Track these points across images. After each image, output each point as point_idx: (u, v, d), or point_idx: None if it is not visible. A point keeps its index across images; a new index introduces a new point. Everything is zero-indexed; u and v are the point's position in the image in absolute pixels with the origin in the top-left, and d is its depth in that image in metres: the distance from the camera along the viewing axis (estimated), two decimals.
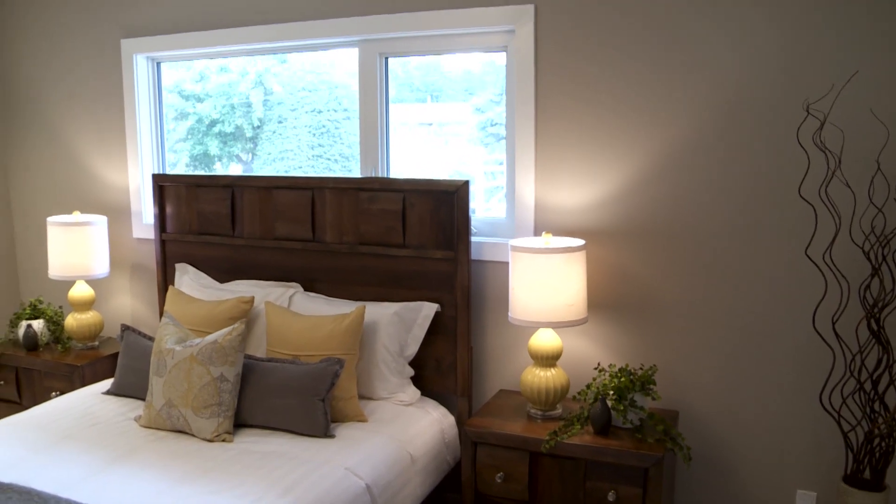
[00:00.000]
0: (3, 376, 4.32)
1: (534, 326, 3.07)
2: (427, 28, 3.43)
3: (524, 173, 3.32)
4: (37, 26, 4.59)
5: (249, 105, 4.26)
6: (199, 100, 4.40)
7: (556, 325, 3.02)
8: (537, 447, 2.92)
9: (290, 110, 4.16)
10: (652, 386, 2.97)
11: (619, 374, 2.98)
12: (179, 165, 4.49)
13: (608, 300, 3.27)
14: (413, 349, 3.39)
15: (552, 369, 3.10)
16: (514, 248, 3.04)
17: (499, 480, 3.01)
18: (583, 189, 3.25)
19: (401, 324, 3.37)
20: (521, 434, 2.97)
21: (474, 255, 3.41)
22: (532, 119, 3.28)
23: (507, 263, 3.26)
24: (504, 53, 3.46)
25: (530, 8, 3.22)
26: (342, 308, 3.42)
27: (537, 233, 3.32)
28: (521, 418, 3.12)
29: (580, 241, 3.09)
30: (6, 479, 2.65)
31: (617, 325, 3.27)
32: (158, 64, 4.35)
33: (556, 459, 2.92)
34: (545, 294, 2.98)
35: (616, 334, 3.28)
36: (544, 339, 3.10)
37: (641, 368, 3.10)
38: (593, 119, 3.20)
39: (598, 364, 3.16)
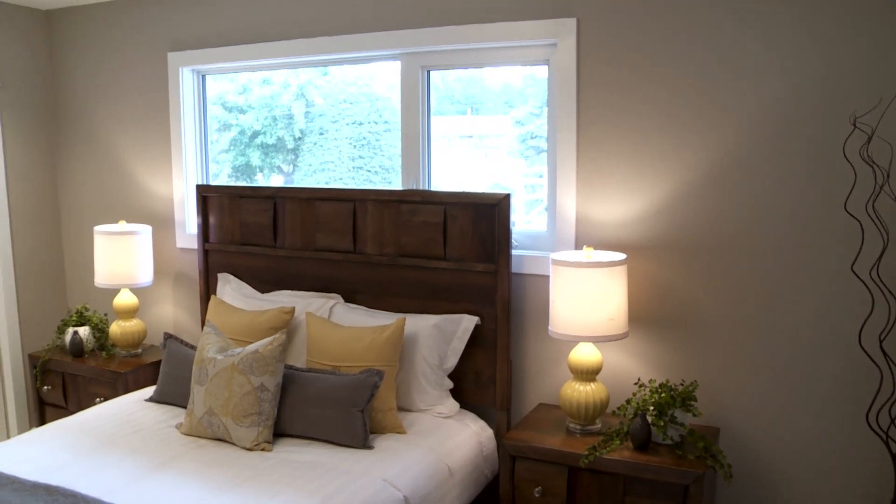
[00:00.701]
0: (51, 381, 4.41)
1: (574, 340, 3.05)
2: (469, 41, 3.44)
3: (565, 186, 3.31)
4: (87, 40, 4.70)
5: (291, 117, 4.31)
6: (242, 111, 4.46)
7: (597, 340, 3.00)
8: (576, 462, 2.90)
9: (331, 122, 4.20)
10: (693, 402, 2.94)
11: (659, 390, 2.95)
12: (222, 176, 4.54)
13: (649, 315, 3.24)
14: (452, 361, 3.39)
15: (592, 384, 3.08)
16: (556, 262, 3.03)
17: (537, 495, 2.99)
18: (624, 203, 3.23)
19: (440, 336, 3.37)
20: (560, 448, 2.95)
21: (515, 269, 3.40)
22: (574, 132, 3.27)
23: (547, 277, 3.25)
24: (544, 66, 3.46)
25: (572, 21, 3.22)
26: (382, 320, 3.43)
27: (578, 246, 3.31)
28: (560, 432, 3.11)
29: (621, 256, 3.07)
30: (53, 482, 2.71)
31: (658, 341, 3.24)
32: (203, 76, 4.42)
33: (594, 475, 2.90)
34: (586, 308, 2.96)
35: (657, 349, 3.25)
36: (584, 354, 3.08)
37: (682, 384, 3.06)
38: (636, 132, 3.18)
39: (639, 379, 3.13)
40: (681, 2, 3.04)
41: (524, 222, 3.67)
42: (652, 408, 2.92)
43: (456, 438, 3.21)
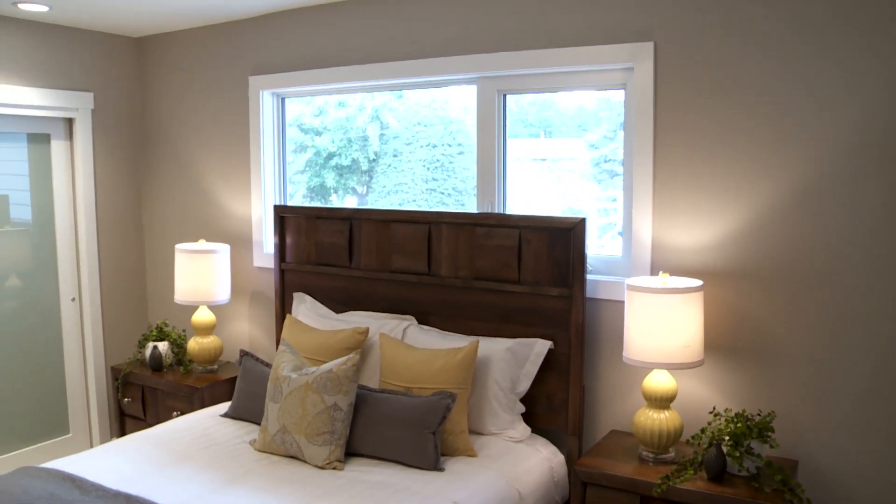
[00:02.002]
0: (131, 394, 4.54)
1: (648, 367, 3.01)
2: (545, 66, 3.45)
3: (641, 211, 3.28)
4: (174, 65, 4.86)
5: (366, 139, 4.37)
6: (318, 133, 4.54)
7: (672, 367, 2.95)
8: (648, 491, 2.85)
9: (405, 144, 4.25)
10: (770, 433, 2.86)
11: (735, 420, 2.88)
12: (297, 196, 4.63)
13: (725, 343, 3.17)
14: (525, 385, 3.37)
15: (666, 411, 3.03)
16: (631, 287, 3.00)
17: None
18: (702, 228, 3.18)
19: (513, 360, 3.36)
20: (632, 476, 2.91)
21: (589, 293, 3.38)
22: (650, 156, 3.24)
23: (622, 302, 3.22)
24: (619, 90, 3.44)
25: (650, 45, 3.20)
26: (456, 342, 3.44)
27: (654, 272, 3.27)
28: (633, 460, 3.06)
29: (698, 282, 3.02)
30: (133, 492, 2.80)
31: (734, 369, 3.17)
32: (283, 99, 4.52)
33: None
34: (661, 335, 2.92)
35: (733, 378, 3.18)
36: (659, 381, 3.03)
37: (759, 414, 2.99)
38: (714, 157, 3.13)
39: (714, 408, 3.07)
40: (758, 27, 3.00)
41: (597, 246, 3.65)
42: (727, 438, 2.85)
43: (527, 463, 3.19)
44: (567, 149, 3.80)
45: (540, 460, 3.25)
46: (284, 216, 4.22)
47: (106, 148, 4.88)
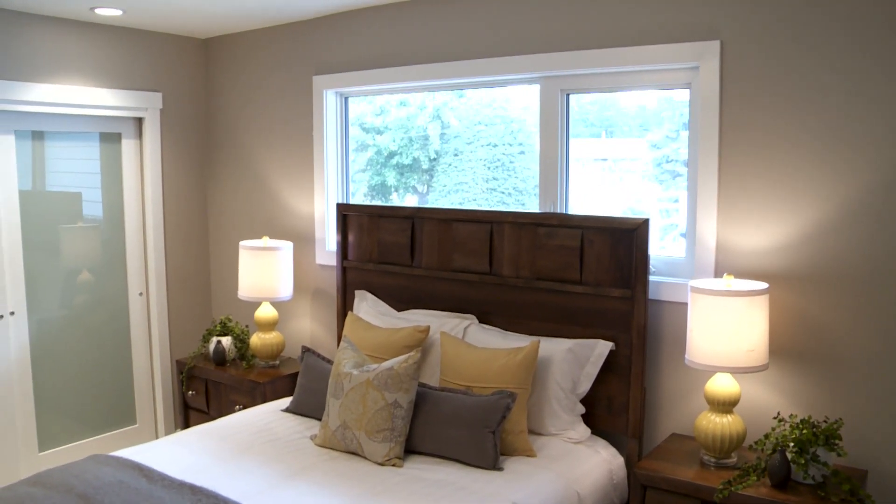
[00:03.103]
0: (195, 387, 4.64)
1: (711, 371, 2.97)
2: (609, 65, 3.43)
3: (706, 212, 3.24)
4: (239, 66, 4.96)
5: (427, 138, 4.39)
6: (379, 132, 4.58)
7: (735, 371, 2.91)
8: (710, 496, 2.81)
9: (465, 143, 4.25)
10: (837, 441, 2.79)
11: (800, 426, 2.82)
12: (358, 195, 4.68)
13: (791, 347, 3.11)
14: (585, 387, 3.36)
15: (728, 416, 2.99)
16: (694, 290, 2.96)
17: None
18: (768, 230, 3.12)
19: (574, 361, 3.35)
20: (693, 481, 2.87)
21: (651, 295, 3.35)
22: (715, 157, 3.20)
23: (685, 304, 3.18)
24: (682, 89, 3.40)
25: (716, 44, 3.15)
26: (516, 342, 3.44)
27: (718, 274, 3.22)
28: (694, 465, 3.02)
29: (763, 285, 2.97)
30: (197, 482, 2.87)
31: (800, 374, 3.11)
32: (346, 99, 4.57)
33: None
34: (725, 338, 2.88)
35: (798, 383, 3.11)
36: (722, 385, 2.99)
37: (825, 421, 2.91)
38: (782, 158, 3.07)
39: (778, 414, 3.01)
40: (827, 27, 2.93)
41: (658, 248, 3.61)
42: (792, 444, 2.79)
43: (586, 464, 3.17)
44: (628, 149, 3.77)
45: (599, 462, 3.23)
46: (347, 214, 4.27)
47: (173, 146, 5.00)
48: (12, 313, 4.32)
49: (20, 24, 4.19)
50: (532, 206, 3.96)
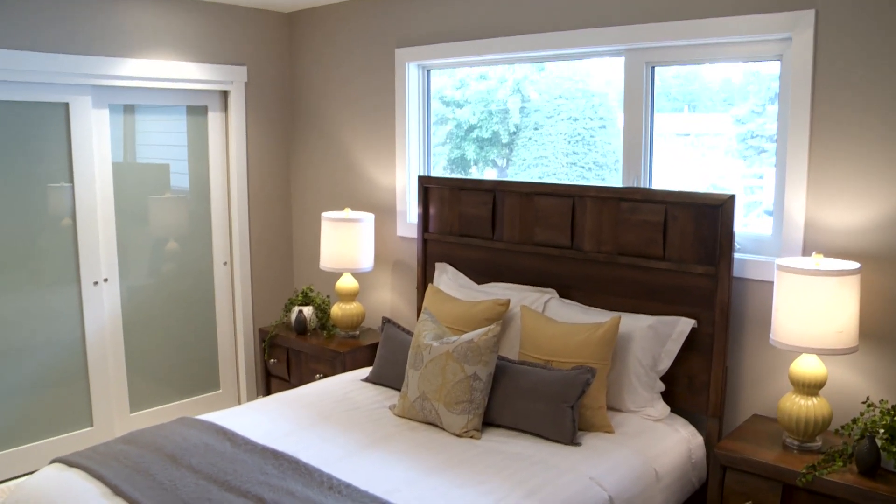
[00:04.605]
0: (276, 355, 4.75)
1: (797, 351, 2.90)
2: (696, 37, 3.34)
3: (794, 189, 3.15)
4: (323, 39, 5.01)
5: (507, 111, 4.37)
6: (459, 106, 4.58)
7: (822, 352, 2.83)
8: (792, 479, 2.76)
9: (546, 117, 4.22)
10: None
11: (892, 412, 2.73)
12: (437, 169, 4.69)
13: (883, 330, 3.01)
14: (666, 364, 3.33)
15: (814, 398, 2.92)
16: (781, 268, 2.89)
17: None
18: (861, 208, 3.02)
19: (655, 337, 3.32)
20: (775, 463, 2.82)
21: (735, 272, 3.28)
22: (807, 132, 3.10)
23: (770, 283, 3.11)
24: (770, 61, 3.30)
25: (810, 14, 3.04)
26: (597, 317, 3.43)
27: (806, 252, 3.14)
28: (776, 447, 2.97)
29: (855, 265, 2.88)
30: (279, 448, 2.95)
31: (891, 358, 3.00)
32: (428, 71, 4.58)
33: (812, 496, 2.74)
34: (812, 318, 2.80)
35: (890, 368, 3.01)
36: (807, 366, 2.92)
37: None
38: (876, 133, 2.95)
39: (867, 398, 2.92)
40: None
41: (742, 225, 3.52)
42: (882, 430, 2.71)
43: (664, 443, 3.16)
44: (712, 124, 3.69)
45: (678, 440, 3.21)
46: (429, 187, 4.29)
47: (258, 119, 5.10)
48: (106, 280, 4.49)
49: (113, 2, 4.31)
50: (612, 181, 3.91)
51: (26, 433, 4.27)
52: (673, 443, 3.18)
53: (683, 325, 3.31)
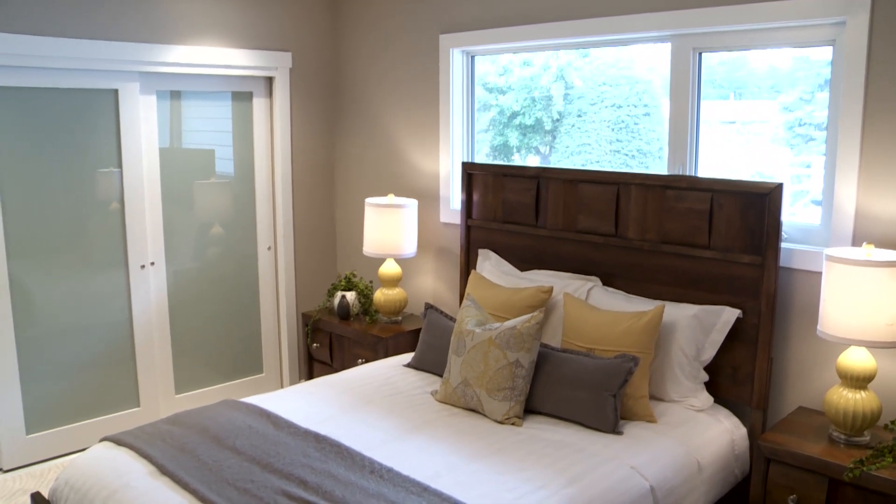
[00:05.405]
0: (319, 339, 4.80)
1: (845, 343, 2.85)
2: (745, 22, 3.28)
3: (845, 178, 3.08)
4: (368, 24, 5.01)
5: (550, 98, 4.34)
6: (502, 92, 4.56)
7: (872, 345, 2.78)
8: (839, 474, 2.72)
9: (589, 104, 4.19)
10: None
11: None
12: (479, 155, 4.68)
13: None
14: (710, 354, 3.29)
15: (862, 392, 2.87)
16: (830, 258, 2.84)
17: (791, 503, 2.85)
18: None
19: (699, 327, 3.29)
20: (821, 457, 2.78)
21: (782, 262, 3.24)
22: (859, 120, 3.03)
23: (818, 273, 3.06)
24: (820, 47, 3.22)
25: None
26: (640, 306, 3.40)
27: (856, 243, 3.07)
28: (822, 440, 2.93)
29: None
30: (321, 431, 2.99)
31: None
32: (472, 57, 4.57)
33: (860, 491, 2.70)
34: (862, 310, 2.75)
35: None
36: (856, 359, 2.87)
37: None
38: None
39: None
40: None
41: (788, 214, 3.46)
42: None
43: (707, 433, 3.13)
44: (758, 111, 3.62)
45: (721, 432, 3.18)
46: (472, 173, 4.28)
47: (302, 105, 5.13)
48: (153, 263, 4.57)
49: None
50: (656, 168, 3.87)
51: (77, 412, 4.37)
52: (716, 434, 3.15)
53: (728, 315, 3.27)
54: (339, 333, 4.66)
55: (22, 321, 4.11)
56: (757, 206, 3.19)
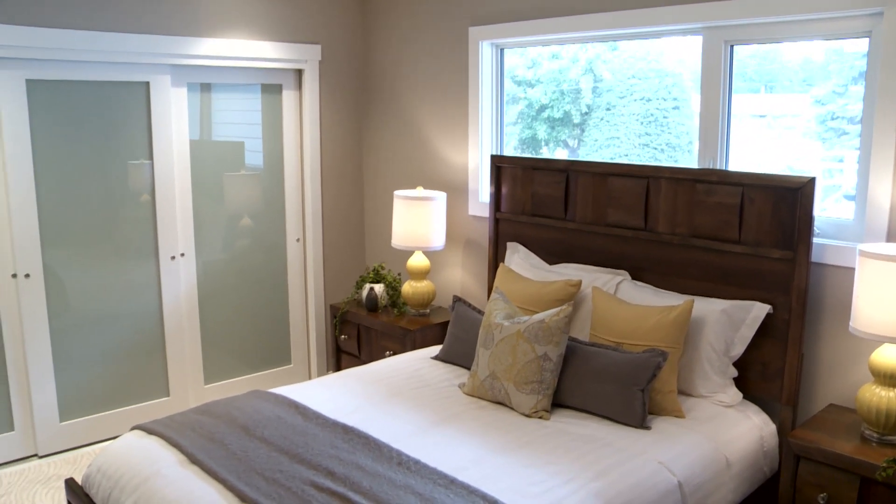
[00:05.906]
0: (347, 331, 4.82)
1: (878, 340, 2.81)
2: (779, 13, 3.24)
3: (880, 172, 3.04)
4: (397, 16, 5.02)
5: (578, 91, 4.32)
6: (531, 85, 4.54)
7: None
8: (871, 473, 2.69)
9: (618, 98, 4.16)
10: None
11: None
12: (508, 148, 4.67)
13: None
14: (739, 350, 3.27)
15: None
16: (864, 254, 2.80)
17: (821, 502, 2.82)
18: None
19: (728, 322, 3.26)
20: (853, 456, 2.75)
21: (814, 258, 3.20)
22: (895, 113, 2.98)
23: (851, 269, 3.03)
24: (856, 39, 3.17)
25: None
26: (669, 300, 3.39)
27: (891, 239, 3.03)
28: (853, 438, 2.89)
29: None
30: (349, 423, 3.00)
31: None
32: (502, 50, 4.56)
33: (893, 491, 2.66)
34: None
35: None
36: (890, 356, 2.84)
37: None
38: None
39: None
40: None
41: (820, 209, 3.42)
42: None
43: (736, 429, 3.11)
44: (789, 105, 3.57)
45: (750, 428, 3.16)
46: (501, 166, 4.28)
47: (331, 98, 5.15)
48: (183, 255, 4.62)
49: None
50: (685, 162, 3.84)
51: (108, 400, 4.44)
52: (745, 430, 3.13)
53: (758, 311, 3.24)
54: (367, 325, 4.68)
55: (56, 310, 4.18)
56: (788, 200, 3.16)
